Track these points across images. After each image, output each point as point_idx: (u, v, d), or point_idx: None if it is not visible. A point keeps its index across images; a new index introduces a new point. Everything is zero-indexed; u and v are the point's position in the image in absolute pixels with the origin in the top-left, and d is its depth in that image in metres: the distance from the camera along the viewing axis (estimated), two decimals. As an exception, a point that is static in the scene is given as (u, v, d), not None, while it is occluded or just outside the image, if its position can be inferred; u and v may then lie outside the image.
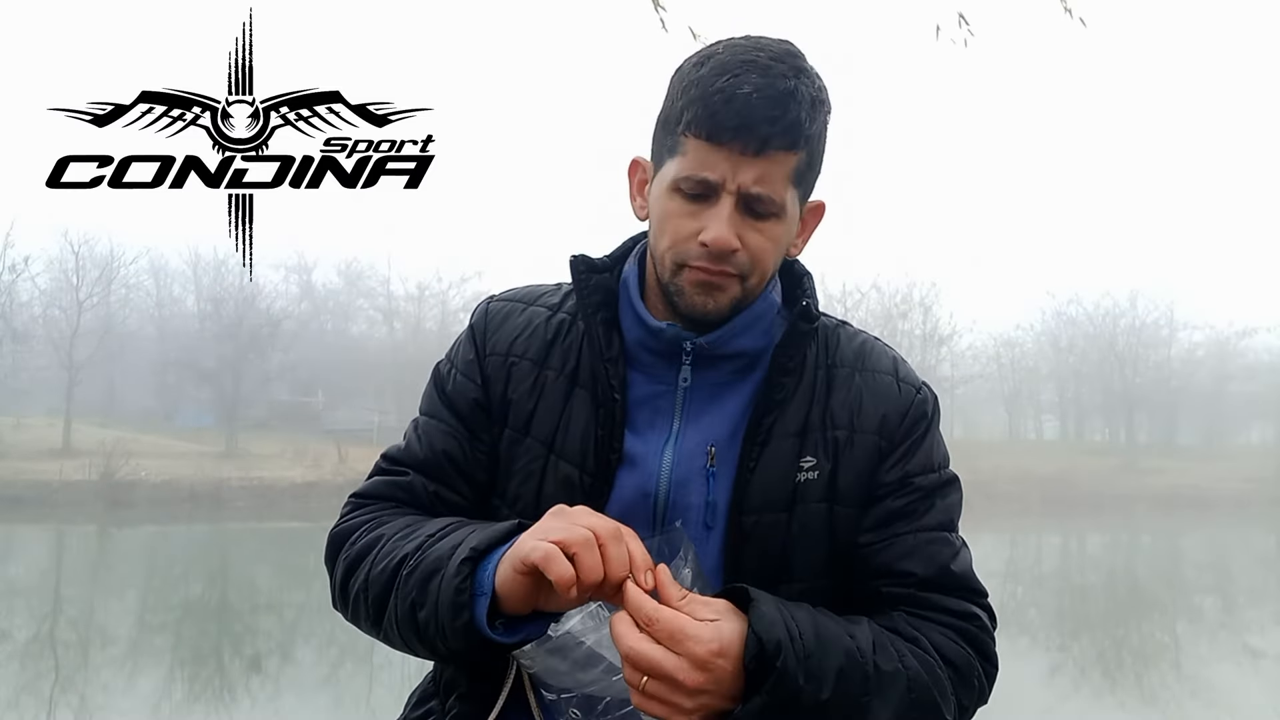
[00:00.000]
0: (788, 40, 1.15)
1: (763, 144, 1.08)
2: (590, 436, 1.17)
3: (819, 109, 1.12)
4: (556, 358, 1.22)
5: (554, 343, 1.23)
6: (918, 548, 1.16)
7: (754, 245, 1.12)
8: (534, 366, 1.22)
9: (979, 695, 1.15)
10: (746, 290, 1.16)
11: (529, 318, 1.26)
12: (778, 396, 1.18)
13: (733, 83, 1.07)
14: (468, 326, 1.30)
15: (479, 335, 1.27)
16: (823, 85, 1.13)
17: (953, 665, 1.12)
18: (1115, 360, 50.98)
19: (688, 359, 1.19)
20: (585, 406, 1.19)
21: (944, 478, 1.22)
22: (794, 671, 0.99)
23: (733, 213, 1.10)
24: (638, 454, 1.18)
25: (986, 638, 1.17)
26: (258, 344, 40.94)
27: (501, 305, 1.29)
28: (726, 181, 1.09)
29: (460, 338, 1.30)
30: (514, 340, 1.24)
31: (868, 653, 1.05)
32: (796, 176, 1.12)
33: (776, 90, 1.07)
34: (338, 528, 1.23)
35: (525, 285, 1.33)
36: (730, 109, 1.07)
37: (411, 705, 1.28)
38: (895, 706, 1.05)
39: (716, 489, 1.16)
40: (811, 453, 1.17)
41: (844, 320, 1.30)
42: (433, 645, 1.09)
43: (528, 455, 1.20)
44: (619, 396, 1.17)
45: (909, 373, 1.26)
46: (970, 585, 1.18)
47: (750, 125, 1.07)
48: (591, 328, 1.20)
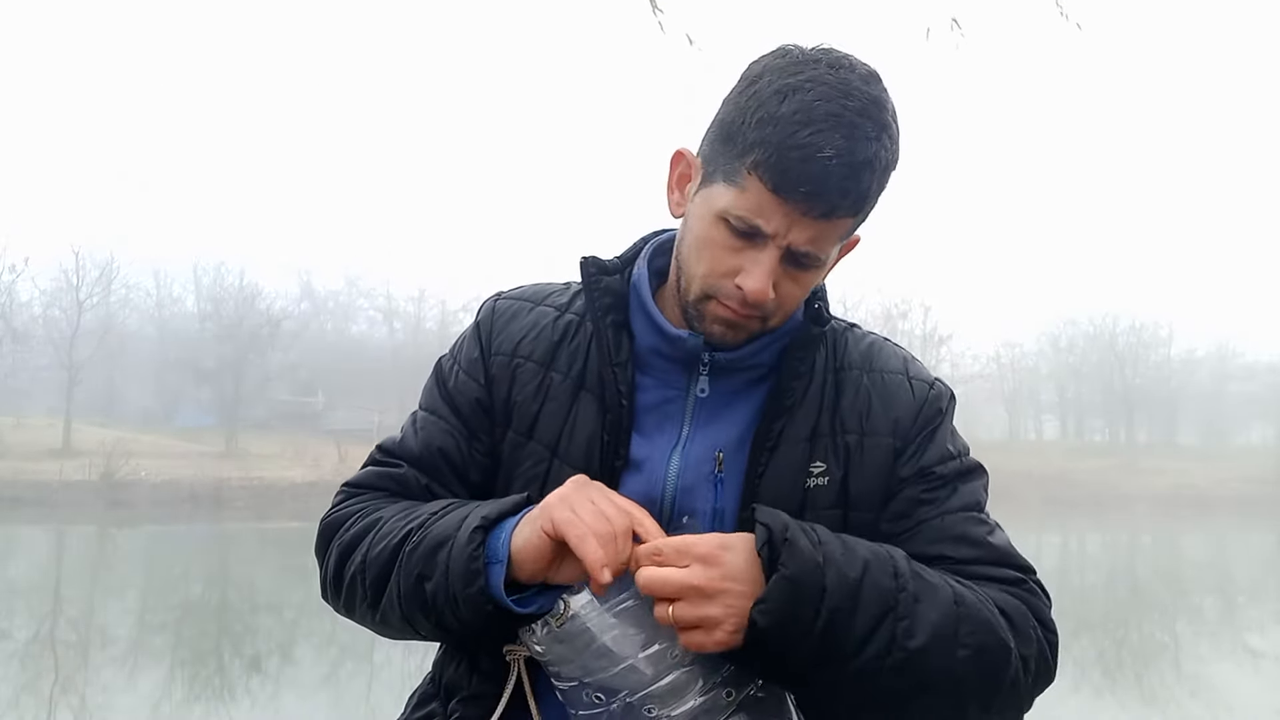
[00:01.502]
0: (873, 73, 1.07)
1: (829, 211, 1.03)
2: (596, 441, 1.16)
3: (890, 171, 1.07)
4: (563, 360, 1.20)
5: (561, 344, 1.21)
6: (947, 529, 1.13)
7: (786, 294, 1.10)
8: (540, 368, 1.20)
9: (1040, 655, 1.07)
10: (768, 328, 1.14)
11: (536, 318, 1.24)
12: (787, 402, 1.16)
13: (814, 139, 1.00)
14: (473, 323, 1.27)
15: (484, 333, 1.24)
16: (898, 136, 1.07)
17: (1002, 609, 1.06)
18: (1115, 360, 50.94)
19: (705, 369, 1.17)
20: (591, 411, 1.17)
21: (966, 464, 1.19)
22: (807, 547, 1.00)
23: (775, 264, 1.07)
24: (644, 459, 1.16)
25: (1040, 602, 1.10)
26: (258, 344, 40.94)
27: (509, 304, 1.26)
28: (779, 235, 1.05)
29: (465, 333, 1.28)
30: (520, 340, 1.22)
31: (898, 554, 1.05)
32: (848, 233, 1.10)
33: (857, 160, 1.01)
34: (329, 516, 1.22)
35: (534, 283, 1.30)
36: (806, 171, 1.01)
37: (412, 706, 1.26)
38: (942, 611, 1.01)
39: (724, 496, 1.14)
40: (821, 458, 1.15)
41: (854, 323, 1.28)
42: (439, 618, 1.07)
43: (531, 459, 1.18)
44: (627, 402, 1.15)
45: (920, 370, 1.23)
46: (1015, 560, 1.14)
47: (823, 194, 1.02)
48: (600, 331, 1.18)
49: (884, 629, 0.99)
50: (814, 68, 1.05)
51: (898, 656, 0.99)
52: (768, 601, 0.98)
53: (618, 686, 1.05)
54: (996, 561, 1.11)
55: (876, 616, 0.99)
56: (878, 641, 0.99)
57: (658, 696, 1.04)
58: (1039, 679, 1.07)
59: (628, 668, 1.04)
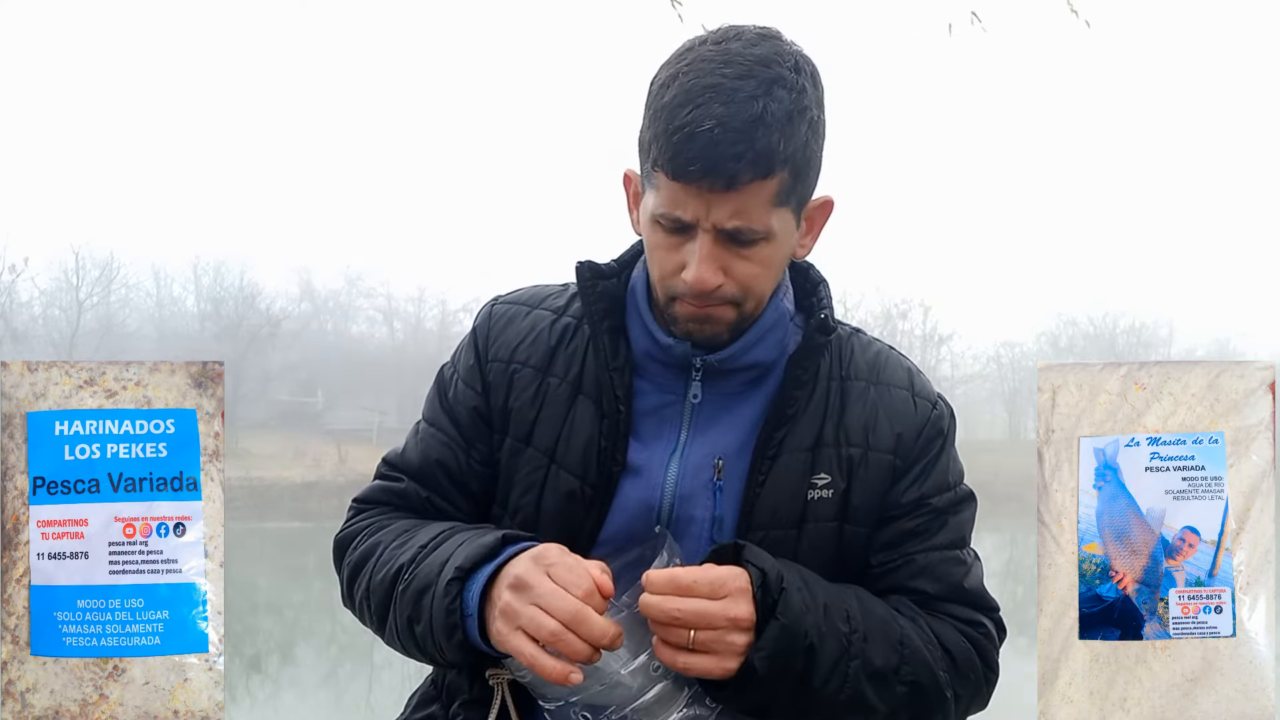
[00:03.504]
0: (765, 32, 1.07)
1: (731, 180, 1.02)
2: (593, 447, 1.16)
3: (797, 120, 1.04)
4: (560, 364, 1.20)
5: (558, 349, 1.21)
6: (929, 567, 1.16)
7: (741, 274, 1.08)
8: (537, 374, 1.20)
9: (975, 693, 1.15)
10: (744, 314, 1.13)
11: (533, 322, 1.23)
12: (790, 410, 1.15)
13: (695, 116, 1.01)
14: (471, 329, 1.28)
15: (481, 340, 1.25)
16: (802, 85, 1.05)
17: (947, 650, 1.13)
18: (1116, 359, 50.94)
19: (698, 374, 1.17)
20: (589, 415, 1.17)
21: (959, 495, 1.21)
22: (797, 594, 1.04)
23: (713, 248, 1.06)
24: (642, 464, 1.16)
25: (989, 645, 1.17)
26: (258, 344, 40.95)
27: (505, 308, 1.26)
28: (701, 220, 1.05)
29: (463, 341, 1.28)
30: (517, 346, 1.22)
31: (849, 596, 1.10)
32: (782, 196, 1.06)
33: (742, 119, 1.00)
34: (340, 534, 1.25)
35: (531, 286, 1.30)
36: (694, 148, 1.01)
37: (413, 707, 1.28)
38: (885, 654, 1.08)
39: (724, 503, 1.14)
40: (825, 469, 1.15)
41: (858, 328, 1.27)
42: (432, 657, 1.13)
43: (529, 465, 1.18)
44: (624, 408, 1.15)
45: (924, 386, 1.22)
46: (982, 601, 1.18)
47: (716, 164, 1.01)
48: (598, 336, 1.17)
49: (839, 667, 1.06)
50: (698, 49, 1.07)
51: (849, 691, 1.06)
52: (765, 647, 1.01)
53: (605, 703, 1.05)
54: (963, 602, 1.17)
55: (836, 657, 1.06)
56: (835, 680, 1.05)
57: (645, 709, 1.05)
58: (970, 708, 1.16)
59: (614, 684, 1.04)
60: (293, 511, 26.50)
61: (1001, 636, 1.19)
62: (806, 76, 1.06)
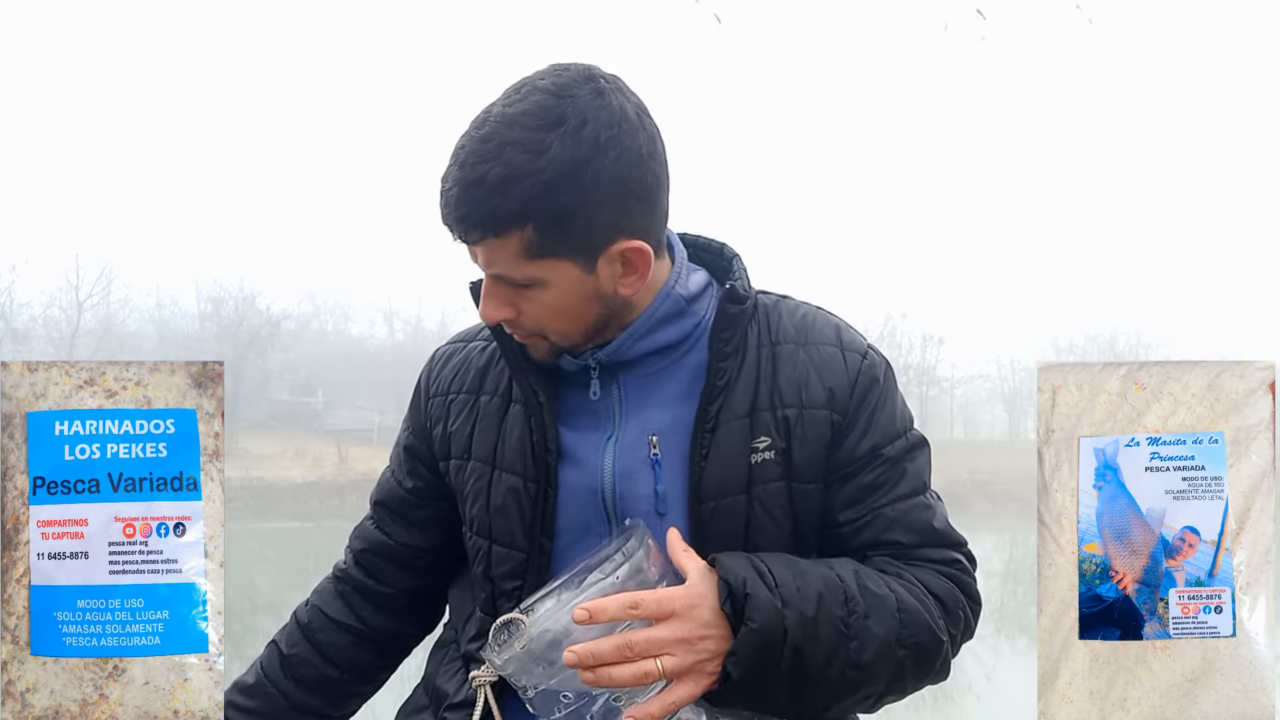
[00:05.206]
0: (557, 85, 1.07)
1: (466, 236, 1.10)
2: (526, 441, 1.19)
3: (518, 184, 1.04)
4: (490, 382, 1.25)
5: (487, 369, 1.26)
6: (898, 518, 1.18)
7: (528, 312, 1.14)
8: (470, 396, 1.26)
9: (965, 628, 1.18)
10: (556, 341, 1.16)
11: (467, 354, 1.30)
12: (720, 382, 1.17)
13: (445, 173, 1.09)
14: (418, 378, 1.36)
15: (422, 385, 1.33)
16: (555, 142, 1.04)
17: (937, 596, 1.15)
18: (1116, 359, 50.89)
19: (595, 373, 1.20)
20: (519, 417, 1.21)
21: (911, 441, 1.22)
22: (766, 598, 1.04)
23: (491, 287, 1.13)
24: (580, 453, 1.19)
25: (968, 577, 1.20)
26: (258, 344, 40.96)
27: (444, 349, 1.34)
28: (480, 265, 1.13)
29: None
30: (453, 379, 1.29)
31: (847, 577, 1.10)
32: (535, 249, 1.08)
33: (466, 183, 1.06)
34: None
35: (471, 325, 1.35)
36: (442, 203, 1.10)
37: (405, 715, 1.33)
38: (886, 624, 1.08)
39: (665, 476, 1.16)
40: (764, 433, 1.16)
41: (785, 295, 1.29)
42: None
43: (474, 476, 1.23)
44: (543, 399, 1.18)
45: (853, 339, 1.23)
46: (951, 538, 1.21)
47: (454, 222, 1.09)
48: (503, 342, 1.21)
49: (839, 653, 1.07)
50: (493, 106, 1.10)
51: (850, 672, 1.07)
52: (738, 654, 1.03)
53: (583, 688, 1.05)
54: (937, 544, 1.20)
55: (833, 644, 1.06)
56: (835, 664, 1.07)
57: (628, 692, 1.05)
58: (963, 641, 1.19)
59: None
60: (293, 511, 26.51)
61: (973, 565, 1.22)
62: (577, 131, 1.05)
